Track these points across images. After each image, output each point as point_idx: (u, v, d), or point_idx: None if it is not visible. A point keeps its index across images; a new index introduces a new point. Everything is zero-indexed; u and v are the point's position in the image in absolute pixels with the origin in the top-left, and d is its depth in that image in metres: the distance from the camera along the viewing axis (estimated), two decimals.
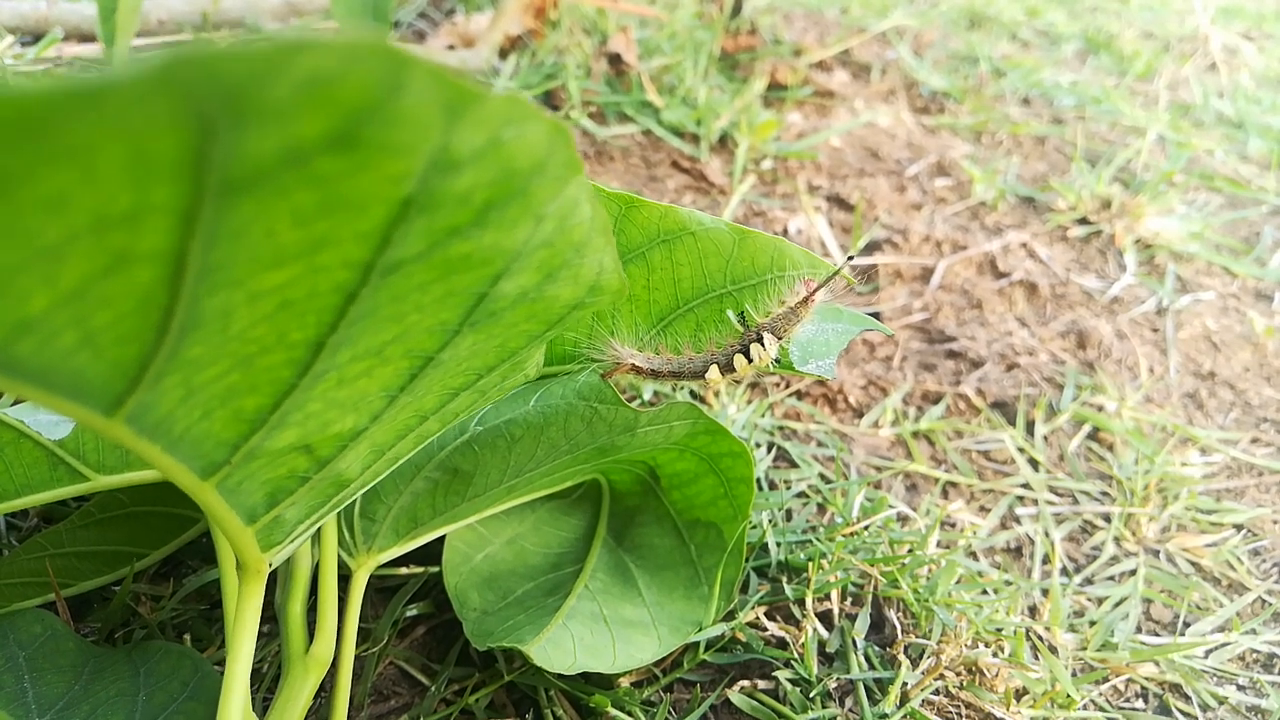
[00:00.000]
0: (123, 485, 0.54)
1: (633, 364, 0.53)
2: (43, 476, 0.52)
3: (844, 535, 0.72)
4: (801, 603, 0.67)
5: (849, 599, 0.69)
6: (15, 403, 0.63)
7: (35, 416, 0.53)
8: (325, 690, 0.56)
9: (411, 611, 0.63)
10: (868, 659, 0.64)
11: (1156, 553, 0.82)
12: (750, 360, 0.52)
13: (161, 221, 0.22)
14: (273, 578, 0.56)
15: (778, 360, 0.52)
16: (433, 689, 0.58)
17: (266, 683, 0.57)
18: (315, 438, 0.38)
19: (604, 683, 0.60)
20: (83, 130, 0.17)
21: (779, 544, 0.70)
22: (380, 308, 0.31)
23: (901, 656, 0.64)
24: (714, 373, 0.53)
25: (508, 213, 0.30)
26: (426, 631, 0.63)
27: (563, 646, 0.53)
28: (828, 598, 0.68)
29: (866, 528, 0.73)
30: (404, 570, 0.64)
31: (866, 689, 0.62)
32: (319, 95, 0.20)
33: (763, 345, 0.51)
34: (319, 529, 0.55)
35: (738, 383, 0.90)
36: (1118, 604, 0.76)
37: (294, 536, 0.43)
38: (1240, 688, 0.72)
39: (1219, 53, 1.83)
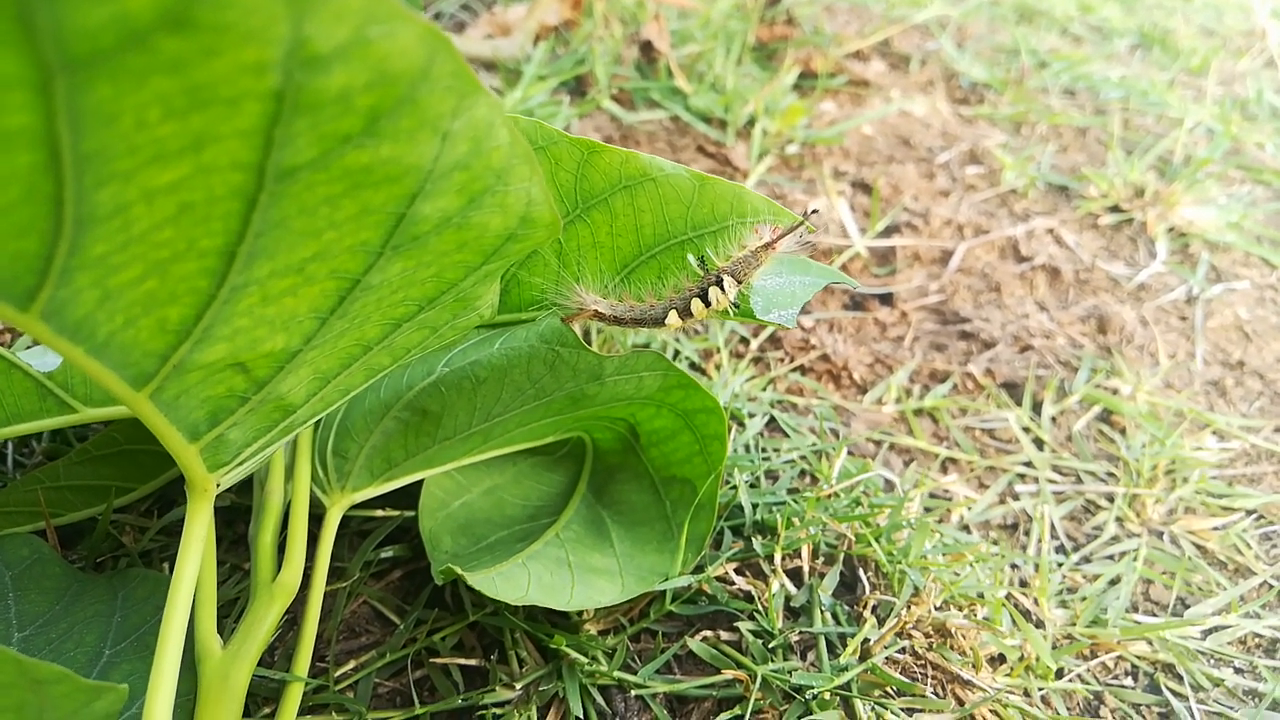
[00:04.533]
0: (108, 418, 0.57)
1: (595, 309, 0.54)
2: (32, 407, 0.55)
3: (821, 497, 0.72)
4: (771, 559, 0.67)
5: (821, 558, 0.69)
6: (11, 343, 0.66)
7: (27, 351, 0.57)
8: (297, 624, 0.59)
9: (388, 554, 0.64)
10: (834, 615, 0.65)
11: (1160, 534, 0.81)
12: (708, 304, 0.53)
13: (18, 96, 0.23)
14: (250, 512, 0.59)
15: (737, 306, 0.53)
16: (401, 627, 0.60)
17: (237, 612, 0.59)
18: (246, 355, 0.39)
19: (569, 628, 0.61)
20: None
21: (755, 504, 0.71)
22: (289, 220, 0.33)
23: (868, 614, 0.65)
24: (673, 318, 0.54)
25: (401, 123, 0.31)
26: (403, 575, 0.65)
27: (514, 581, 0.55)
28: (799, 555, 0.68)
29: (850, 490, 0.73)
30: (380, 513, 0.66)
31: (829, 643, 0.63)
32: None
33: (722, 289, 0.52)
34: (294, 463, 0.57)
35: (697, 332, 0.90)
36: (1113, 582, 0.75)
37: (242, 459, 0.45)
38: (1238, 670, 0.70)
39: (1277, 48, 1.79)
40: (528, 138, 0.52)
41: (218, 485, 0.45)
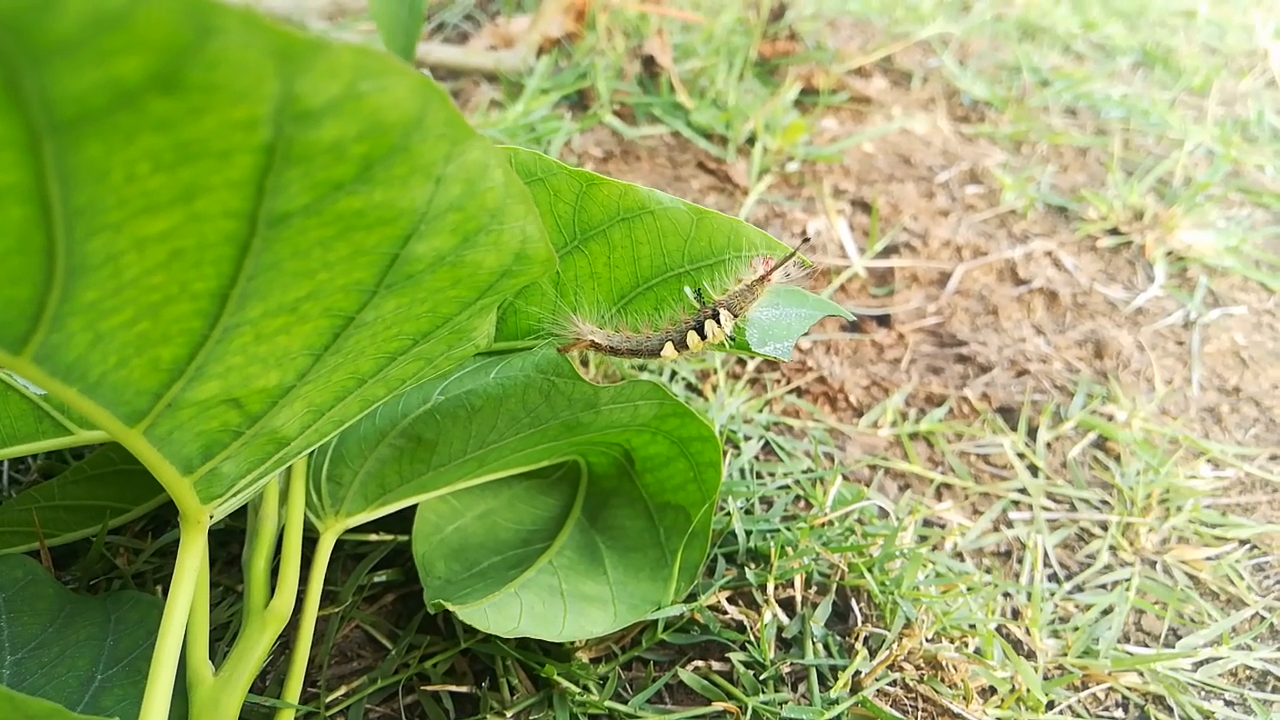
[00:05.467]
0: (104, 440, 0.57)
1: (592, 340, 0.54)
2: (29, 429, 0.55)
3: (814, 525, 0.72)
4: (764, 588, 0.67)
5: (814, 587, 0.69)
6: None
7: None
8: (290, 648, 0.59)
9: (381, 578, 0.65)
10: (826, 646, 0.65)
11: (1153, 563, 0.81)
12: (704, 337, 0.53)
13: (7, 156, 0.24)
14: (243, 535, 0.59)
15: (733, 339, 0.53)
16: (393, 652, 0.60)
17: (229, 635, 0.59)
18: (240, 392, 0.39)
19: (561, 656, 0.61)
20: None
21: (749, 532, 0.71)
22: (282, 262, 0.33)
23: (860, 646, 0.65)
24: (669, 350, 0.54)
25: (394, 170, 0.31)
26: (397, 599, 0.65)
27: (506, 612, 0.55)
28: (791, 585, 0.69)
29: (844, 518, 0.73)
30: (374, 537, 0.66)
31: (820, 675, 0.63)
32: (120, 35, 0.21)
33: (718, 322, 0.52)
34: (288, 489, 0.57)
35: (694, 358, 0.91)
36: (1105, 612, 0.75)
37: (236, 491, 0.45)
38: (1228, 703, 0.70)
39: (1279, 69, 1.79)
40: (527, 168, 0.52)
41: (211, 516, 0.45)
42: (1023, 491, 0.85)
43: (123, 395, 0.36)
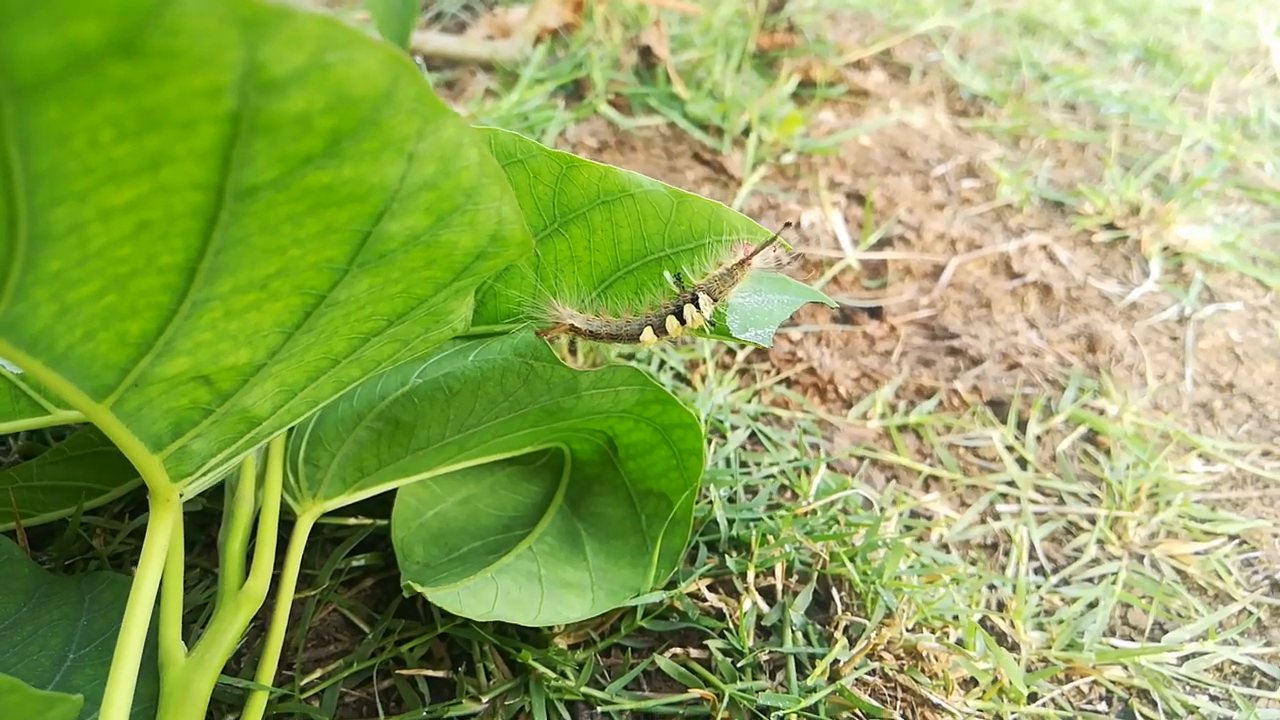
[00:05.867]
0: (81, 421, 0.56)
1: (571, 324, 0.54)
2: (5, 408, 0.55)
3: (798, 514, 0.72)
4: (745, 576, 0.67)
5: (795, 576, 0.69)
6: None
7: None
8: (265, 631, 0.58)
9: (359, 562, 0.64)
10: (805, 635, 0.65)
11: (1141, 558, 0.80)
12: (683, 322, 0.53)
13: None
14: (219, 518, 0.58)
15: (712, 324, 0.53)
16: (370, 636, 0.60)
17: (205, 617, 0.59)
18: (210, 368, 0.39)
19: (538, 642, 0.61)
20: None
21: (731, 520, 0.71)
22: (251, 237, 0.33)
23: (839, 635, 0.64)
24: (648, 334, 0.54)
25: (364, 145, 0.31)
26: (375, 584, 0.65)
27: (481, 596, 0.54)
28: (772, 573, 0.68)
29: (828, 508, 0.73)
30: (352, 521, 0.66)
31: (798, 663, 0.63)
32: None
33: (697, 306, 0.52)
34: (265, 471, 0.57)
35: (685, 342, 0.90)
36: (1091, 605, 0.74)
37: (206, 470, 0.45)
38: (1213, 698, 0.70)
39: None
40: (506, 150, 0.52)
41: (181, 495, 0.45)
42: (1011, 484, 0.85)
43: (90, 369, 0.36)
